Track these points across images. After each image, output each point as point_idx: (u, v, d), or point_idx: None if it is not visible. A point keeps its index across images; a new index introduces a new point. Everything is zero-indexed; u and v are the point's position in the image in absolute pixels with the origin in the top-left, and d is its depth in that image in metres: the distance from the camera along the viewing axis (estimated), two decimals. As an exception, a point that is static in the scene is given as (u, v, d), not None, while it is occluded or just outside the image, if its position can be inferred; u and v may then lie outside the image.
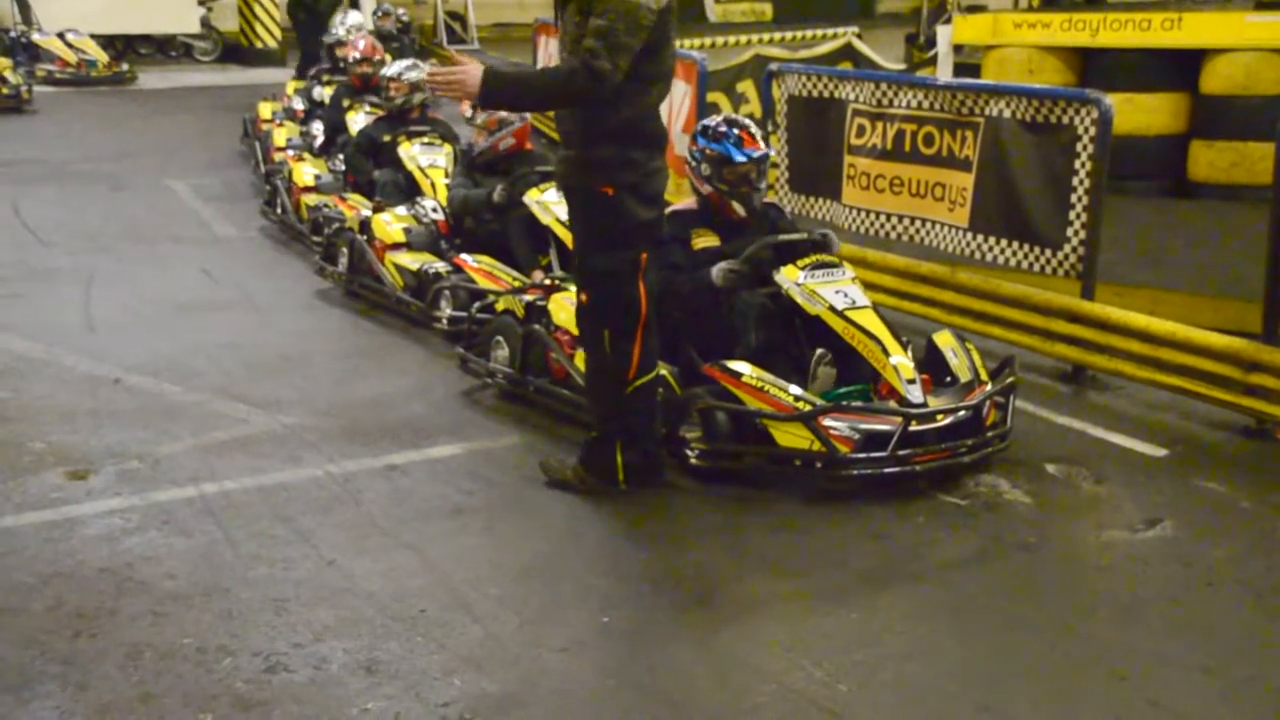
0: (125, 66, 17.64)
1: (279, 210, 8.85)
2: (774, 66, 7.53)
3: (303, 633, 3.60)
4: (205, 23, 20.12)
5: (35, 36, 17.25)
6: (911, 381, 4.68)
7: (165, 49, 20.14)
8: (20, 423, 5.23)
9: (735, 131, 5.10)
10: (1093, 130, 5.64)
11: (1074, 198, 5.75)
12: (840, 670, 3.45)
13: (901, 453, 4.50)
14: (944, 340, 5.10)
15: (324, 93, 10.35)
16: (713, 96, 9.31)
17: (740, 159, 5.03)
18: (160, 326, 6.70)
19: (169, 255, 8.34)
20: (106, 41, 17.92)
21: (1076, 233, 5.77)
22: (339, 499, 4.54)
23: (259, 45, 19.17)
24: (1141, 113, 9.70)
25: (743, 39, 13.85)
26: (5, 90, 14.55)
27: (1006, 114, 6.00)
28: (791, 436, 4.52)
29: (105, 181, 10.83)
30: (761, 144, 5.13)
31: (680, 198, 5.60)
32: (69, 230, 8.96)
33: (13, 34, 17.29)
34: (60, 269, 7.84)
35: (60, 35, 17.29)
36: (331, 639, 3.56)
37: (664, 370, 4.71)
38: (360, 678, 3.38)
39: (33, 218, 9.30)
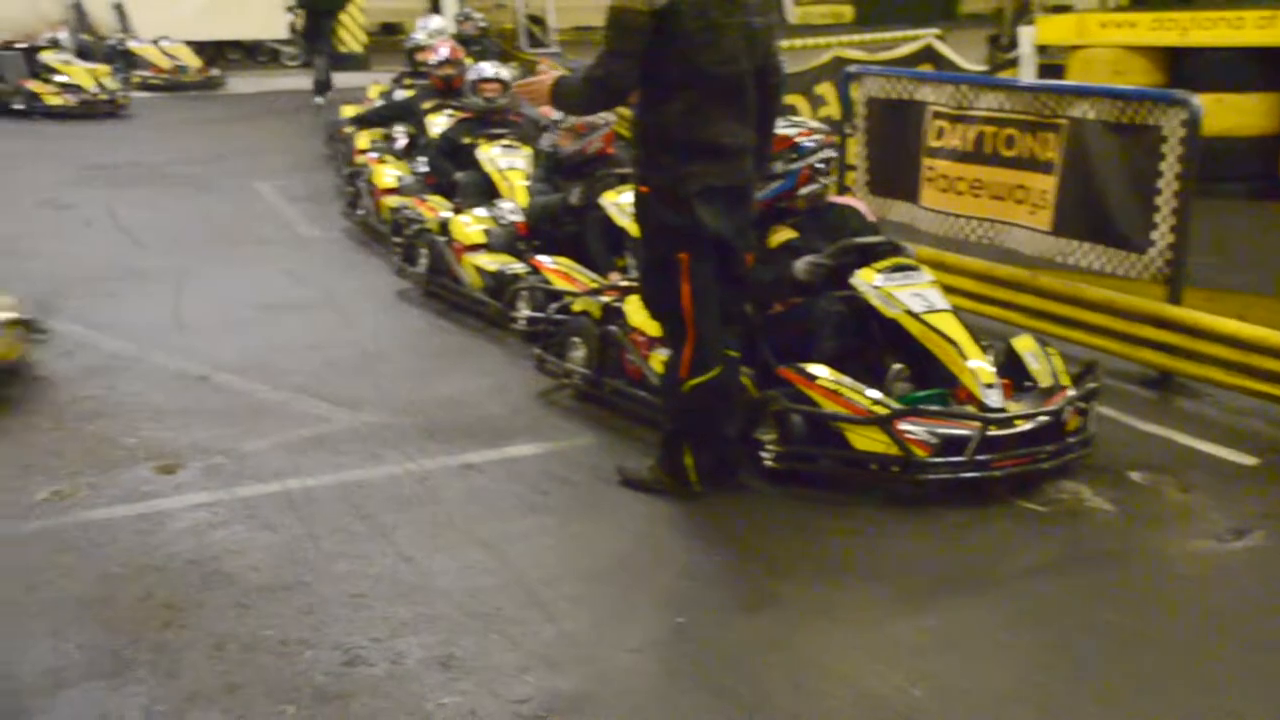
0: (216, 72, 18.06)
1: (361, 212, 9.00)
2: (853, 68, 7.49)
3: (381, 628, 3.66)
4: (292, 28, 20.52)
5: (132, 44, 17.75)
6: (990, 386, 4.63)
7: (253, 54, 20.58)
8: (113, 419, 5.38)
9: None
10: (1181, 131, 5.52)
11: (1160, 200, 5.63)
12: (916, 675, 3.42)
13: (980, 458, 4.45)
14: (1024, 345, 5.03)
15: (406, 96, 10.49)
16: (791, 99, 9.30)
17: None
18: (246, 326, 6.85)
19: (255, 256, 8.53)
20: (198, 48, 18.37)
21: (1163, 236, 5.65)
22: (417, 496, 4.61)
23: (343, 50, 19.48)
24: (1234, 113, 9.45)
25: (822, 41, 13.76)
26: (103, 96, 15.00)
27: (1090, 115, 5.90)
28: (867, 440, 4.49)
29: (195, 184, 11.11)
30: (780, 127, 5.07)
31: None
32: (160, 231, 9.20)
33: (110, 42, 17.81)
34: (152, 269, 8.05)
35: (155, 42, 17.78)
36: (409, 634, 3.62)
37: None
38: (436, 673, 3.42)
39: (127, 219, 9.57)
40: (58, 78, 15.08)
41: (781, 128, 5.09)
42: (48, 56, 15.43)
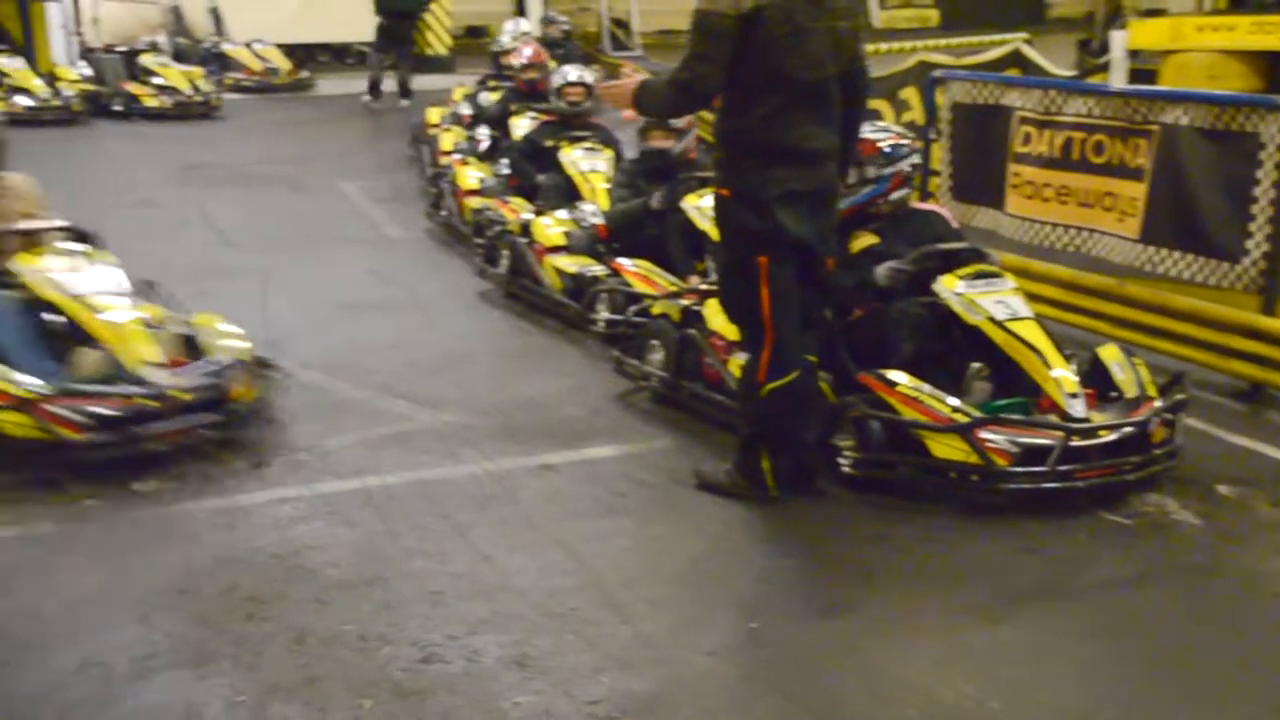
0: (305, 74, 18.42)
1: (444, 213, 9.12)
2: (938, 73, 7.41)
3: (457, 625, 3.70)
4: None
5: (225, 47, 18.19)
6: (1073, 395, 4.55)
7: (342, 57, 20.94)
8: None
9: None
10: None
11: (1256, 209, 5.50)
12: (992, 688, 3.38)
13: (1062, 468, 4.38)
14: (1109, 354, 4.94)
15: (490, 98, 10.60)
16: (875, 104, 9.19)
17: None
18: (331, 324, 6.98)
19: (340, 255, 8.68)
20: (289, 50, 18.76)
21: (1258, 245, 5.52)
22: (495, 496, 4.66)
23: (429, 52, 19.74)
24: (1336, 119, 9.16)
25: (907, 45, 13.61)
26: (198, 98, 15.40)
27: (1184, 121, 5.77)
28: (947, 448, 4.45)
29: (284, 184, 11.33)
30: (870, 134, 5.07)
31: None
32: (249, 230, 9.40)
33: (205, 45, 18.27)
34: (241, 268, 8.22)
35: (248, 45, 18.20)
36: (485, 632, 3.66)
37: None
38: (512, 672, 3.46)
39: (218, 218, 9.80)
40: (155, 80, 15.50)
41: (867, 133, 5.06)
42: (146, 59, 15.86)
